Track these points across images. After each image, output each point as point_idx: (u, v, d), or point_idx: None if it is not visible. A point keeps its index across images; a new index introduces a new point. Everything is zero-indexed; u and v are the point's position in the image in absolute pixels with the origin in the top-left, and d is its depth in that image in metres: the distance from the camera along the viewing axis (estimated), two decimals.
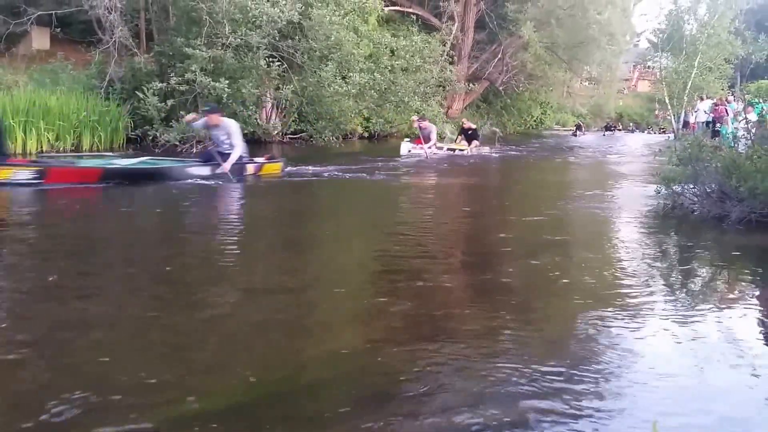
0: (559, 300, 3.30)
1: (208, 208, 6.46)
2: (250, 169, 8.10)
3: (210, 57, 11.97)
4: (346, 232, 5.24)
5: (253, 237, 4.94)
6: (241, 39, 12.22)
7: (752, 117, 6.94)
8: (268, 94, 13.93)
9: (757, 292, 3.59)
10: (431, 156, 12.45)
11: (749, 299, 3.47)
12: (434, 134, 13.33)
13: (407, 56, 15.93)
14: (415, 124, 13.46)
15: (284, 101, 13.96)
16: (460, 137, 14.79)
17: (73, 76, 12.35)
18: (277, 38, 13.05)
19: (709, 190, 5.86)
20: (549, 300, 3.32)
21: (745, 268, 4.19)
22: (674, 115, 22.45)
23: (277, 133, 14.31)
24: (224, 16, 12.06)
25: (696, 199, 5.97)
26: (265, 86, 13.54)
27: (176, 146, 11.29)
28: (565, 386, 2.18)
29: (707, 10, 21.75)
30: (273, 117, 14.35)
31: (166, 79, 11.85)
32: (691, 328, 2.83)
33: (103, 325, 2.71)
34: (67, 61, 12.79)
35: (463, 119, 16.46)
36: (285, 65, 13.45)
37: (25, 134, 10.30)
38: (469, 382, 2.20)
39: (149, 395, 2.05)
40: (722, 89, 22.09)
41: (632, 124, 37.14)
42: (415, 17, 20.49)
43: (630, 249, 4.60)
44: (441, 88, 18.68)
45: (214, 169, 7.64)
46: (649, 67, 37.95)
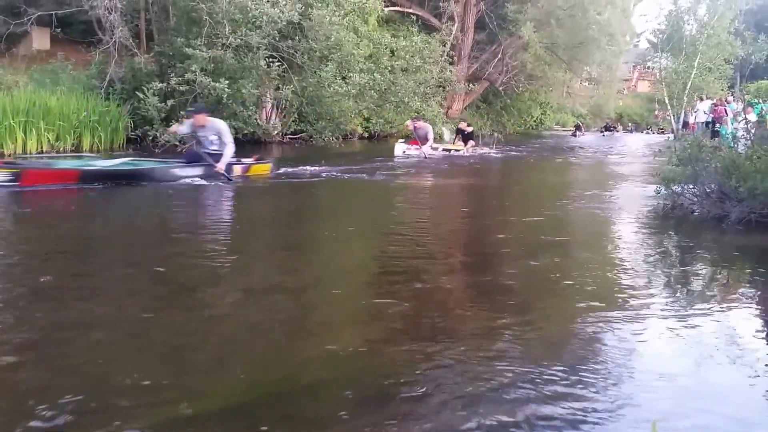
0: (558, 300, 3.30)
1: (201, 208, 6.42)
2: (237, 170, 7.93)
3: (210, 57, 11.98)
4: (345, 232, 5.24)
5: (252, 237, 4.94)
6: (241, 39, 12.23)
7: (752, 117, 6.95)
8: (268, 95, 13.94)
9: (757, 292, 3.59)
10: (429, 156, 12.38)
11: (749, 299, 3.47)
12: (431, 133, 13.18)
13: (407, 56, 15.94)
14: (410, 126, 13.28)
15: (284, 101, 13.97)
16: (457, 137, 14.76)
17: (74, 76, 12.35)
18: (277, 38, 13.06)
19: (708, 191, 5.86)
20: (549, 300, 3.32)
21: (745, 269, 4.19)
22: (674, 116, 22.45)
23: (277, 134, 14.31)
24: (224, 17, 12.07)
25: (696, 200, 5.97)
26: (265, 86, 13.55)
27: (176, 146, 11.28)
28: (564, 386, 2.18)
29: (707, 10, 21.76)
30: (273, 117, 14.35)
31: (167, 79, 11.86)
32: (690, 329, 2.83)
33: (102, 325, 2.71)
34: (68, 61, 12.79)
35: (461, 120, 16.38)
36: (285, 65, 13.46)
37: (25, 134, 10.28)
38: (468, 383, 2.20)
39: (148, 396, 2.05)
40: (722, 90, 22.10)
41: (631, 125, 37.09)
42: (415, 17, 20.48)
43: (630, 249, 4.61)
44: (441, 88, 18.69)
45: (201, 170, 7.49)
46: (648, 67, 37.93)
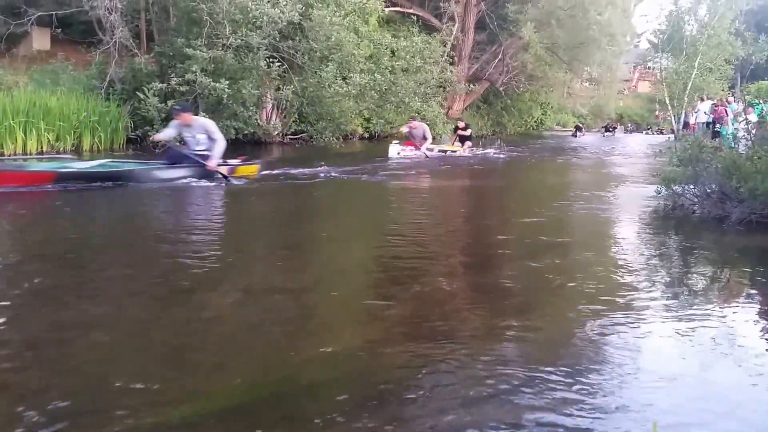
0: (559, 301, 3.30)
1: (197, 210, 6.35)
2: (222, 171, 7.73)
3: (210, 57, 11.99)
4: (345, 233, 5.23)
5: (251, 238, 4.94)
6: (242, 40, 12.23)
7: (752, 118, 6.94)
8: (268, 95, 13.94)
9: (758, 292, 3.59)
10: (430, 155, 12.24)
11: (750, 300, 3.47)
12: (428, 131, 13.04)
13: (408, 57, 15.94)
14: (405, 129, 13.08)
15: (285, 102, 13.97)
16: (454, 137, 14.66)
17: (74, 76, 12.36)
18: (278, 39, 13.07)
19: (709, 191, 5.86)
20: (549, 301, 3.32)
21: (746, 269, 4.18)
22: (674, 116, 22.45)
23: (277, 134, 14.32)
24: (225, 17, 12.08)
25: (696, 200, 5.96)
26: (266, 87, 13.55)
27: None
28: (565, 387, 2.18)
29: (707, 10, 21.76)
30: (273, 118, 14.36)
31: (167, 79, 11.87)
32: (691, 329, 2.83)
33: (102, 326, 2.71)
34: (68, 61, 12.80)
35: (458, 120, 16.18)
36: (285, 66, 13.47)
37: (25, 135, 10.29)
38: (468, 384, 2.20)
39: (148, 396, 2.05)
40: (722, 90, 22.10)
41: (629, 125, 37.06)
42: (415, 18, 20.47)
43: (630, 250, 4.60)
44: (441, 88, 18.70)
45: (184, 172, 7.38)
46: (649, 67, 37.97)
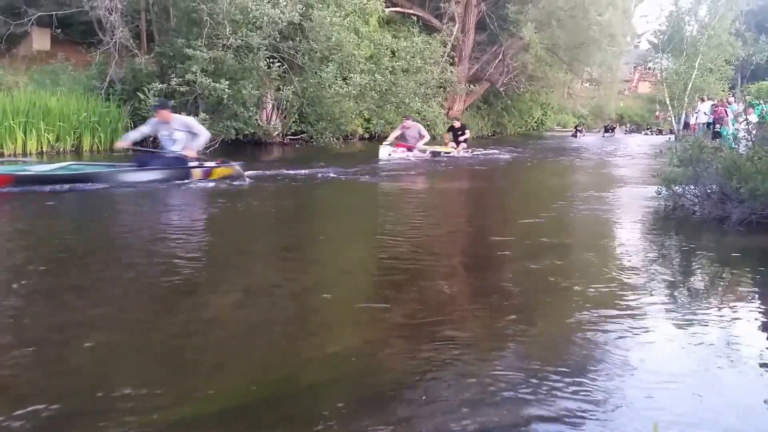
0: (559, 302, 3.29)
1: (193, 210, 6.28)
2: (197, 174, 7.51)
3: (210, 58, 11.99)
4: (344, 233, 5.23)
5: (250, 238, 4.94)
6: (242, 40, 12.23)
7: (753, 118, 6.95)
8: (268, 95, 13.95)
9: (758, 293, 3.58)
10: (422, 156, 11.99)
11: (750, 301, 3.46)
12: (424, 130, 12.64)
13: (408, 57, 15.94)
14: (398, 131, 12.63)
15: (285, 102, 13.98)
16: (448, 136, 14.09)
17: (74, 77, 12.37)
18: (278, 39, 13.07)
19: (709, 192, 5.85)
20: (549, 302, 3.31)
21: (746, 270, 4.18)
22: (675, 117, 22.45)
23: (277, 134, 14.32)
24: (225, 17, 12.08)
25: (697, 201, 5.96)
26: (266, 87, 13.55)
27: None
28: (565, 388, 2.18)
29: (708, 11, 21.74)
30: (273, 118, 14.36)
31: (167, 80, 11.87)
32: (692, 330, 2.82)
33: (102, 327, 2.70)
34: (68, 62, 12.81)
35: (454, 120, 15.54)
36: (286, 66, 13.47)
37: (25, 135, 10.30)
38: (468, 385, 2.20)
39: (148, 397, 2.04)
40: (723, 90, 22.10)
41: (629, 125, 37.03)
42: (415, 18, 20.47)
43: (631, 250, 4.60)
44: (442, 89, 18.70)
45: (155, 175, 7.21)
46: (649, 68, 37.90)
